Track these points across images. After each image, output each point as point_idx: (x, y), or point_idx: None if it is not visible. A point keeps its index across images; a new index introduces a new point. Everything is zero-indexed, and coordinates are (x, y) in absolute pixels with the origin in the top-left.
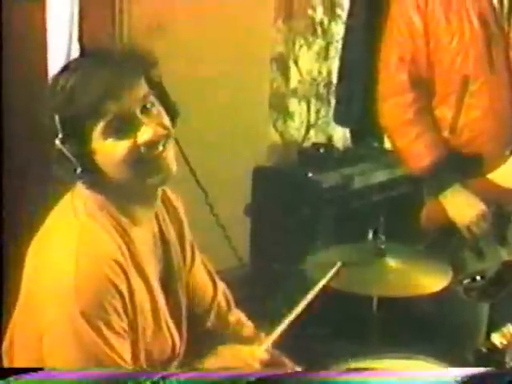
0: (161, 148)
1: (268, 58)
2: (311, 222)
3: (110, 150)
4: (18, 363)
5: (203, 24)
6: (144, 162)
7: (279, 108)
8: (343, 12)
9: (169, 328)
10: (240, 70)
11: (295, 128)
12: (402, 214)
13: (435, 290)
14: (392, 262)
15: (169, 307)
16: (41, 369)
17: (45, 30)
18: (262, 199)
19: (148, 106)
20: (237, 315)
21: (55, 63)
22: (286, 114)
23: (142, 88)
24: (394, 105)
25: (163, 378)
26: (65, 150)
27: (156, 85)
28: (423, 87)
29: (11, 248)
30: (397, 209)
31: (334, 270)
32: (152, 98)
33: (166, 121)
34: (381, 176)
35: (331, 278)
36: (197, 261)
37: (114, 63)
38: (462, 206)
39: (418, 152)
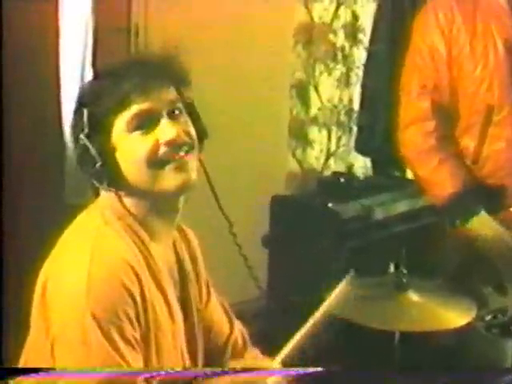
0: (182, 153)
1: (287, 84)
2: (330, 253)
3: (131, 146)
4: None
5: (221, 49)
6: (163, 162)
7: (299, 136)
8: (365, 37)
9: (182, 352)
10: (259, 96)
11: (315, 156)
12: (423, 246)
13: (459, 325)
14: (414, 297)
15: (185, 335)
16: (41, 369)
17: (58, 47)
18: (280, 229)
19: (176, 112)
20: (253, 353)
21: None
22: (306, 142)
23: (171, 93)
24: (415, 132)
25: None
26: (89, 145)
27: (187, 105)
28: (446, 116)
29: (11, 247)
30: (418, 240)
31: (345, 281)
32: (180, 106)
33: (192, 131)
34: (402, 206)
35: (344, 290)
36: (212, 298)
37: (147, 68)
38: (488, 235)
39: (440, 180)
